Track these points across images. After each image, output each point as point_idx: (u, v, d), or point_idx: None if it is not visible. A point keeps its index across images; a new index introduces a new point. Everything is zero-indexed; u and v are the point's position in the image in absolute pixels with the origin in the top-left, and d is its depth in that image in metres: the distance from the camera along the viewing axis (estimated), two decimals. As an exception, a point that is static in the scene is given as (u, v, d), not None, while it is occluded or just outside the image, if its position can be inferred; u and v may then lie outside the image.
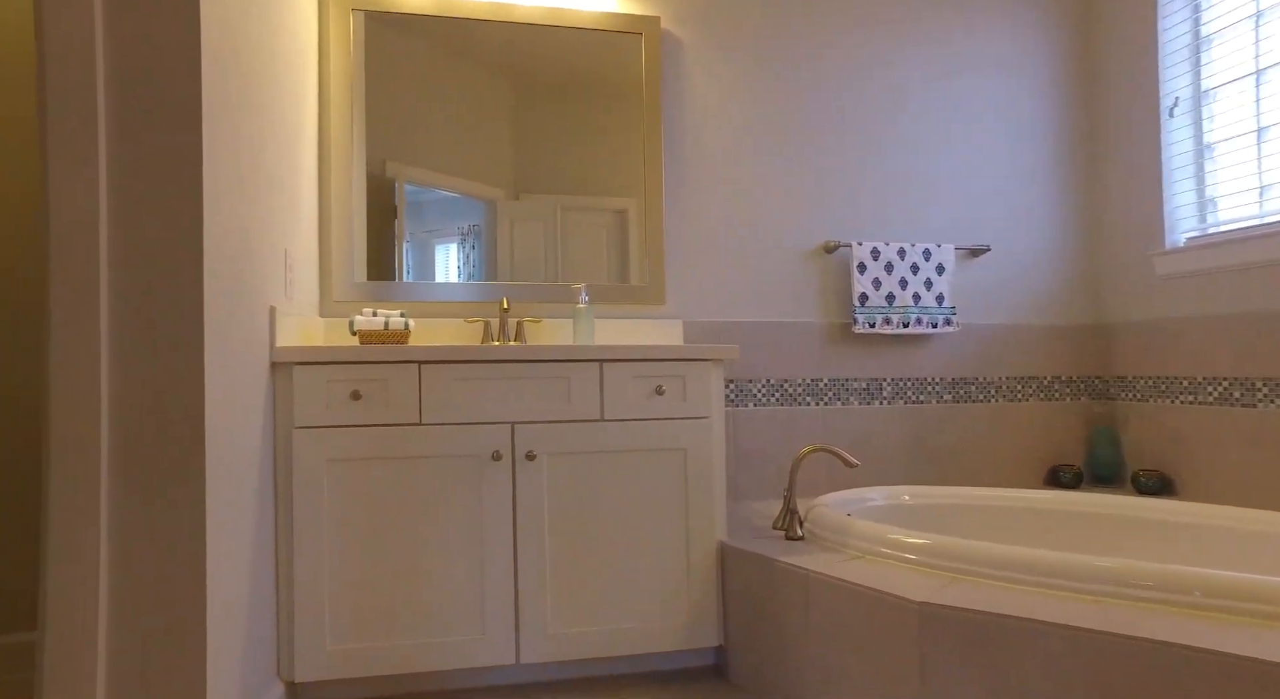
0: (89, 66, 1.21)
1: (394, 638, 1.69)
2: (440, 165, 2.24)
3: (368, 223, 2.20)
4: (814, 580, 1.59)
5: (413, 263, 2.23)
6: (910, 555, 1.60)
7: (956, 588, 1.42)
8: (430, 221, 2.24)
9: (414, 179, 2.23)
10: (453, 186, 2.25)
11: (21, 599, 1.87)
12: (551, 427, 1.79)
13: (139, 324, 1.23)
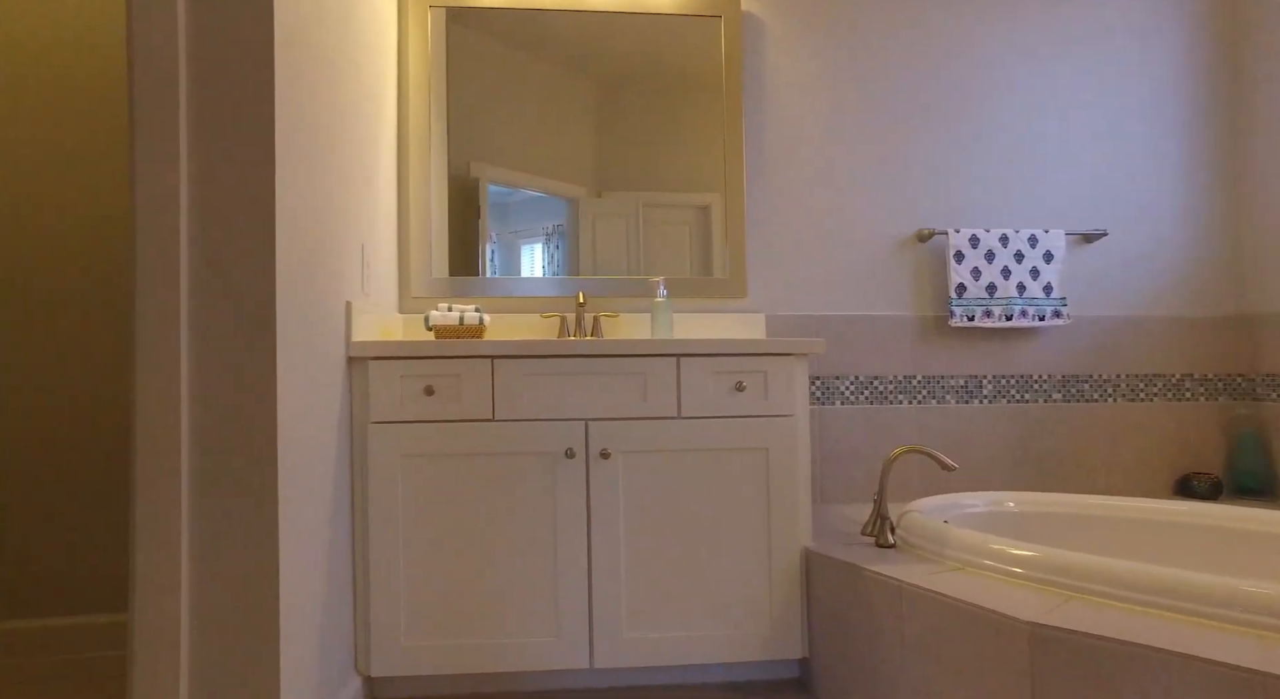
0: (172, 77, 1.22)
1: (467, 636, 1.67)
2: (523, 164, 2.22)
3: (451, 223, 2.20)
4: (908, 593, 1.46)
5: (496, 262, 2.22)
6: (1018, 569, 1.44)
7: (1073, 608, 1.27)
8: (514, 221, 2.23)
9: (497, 179, 2.22)
10: (535, 185, 2.23)
11: (124, 584, 1.96)
12: (627, 423, 1.72)
13: (215, 324, 1.24)
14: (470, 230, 2.21)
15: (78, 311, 2.08)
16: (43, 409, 2.06)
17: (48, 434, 2.06)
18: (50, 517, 2.06)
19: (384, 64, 2.05)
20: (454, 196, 2.21)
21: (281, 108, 1.29)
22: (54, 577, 2.05)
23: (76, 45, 2.09)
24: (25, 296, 2.07)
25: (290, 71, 1.33)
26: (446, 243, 2.21)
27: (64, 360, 2.07)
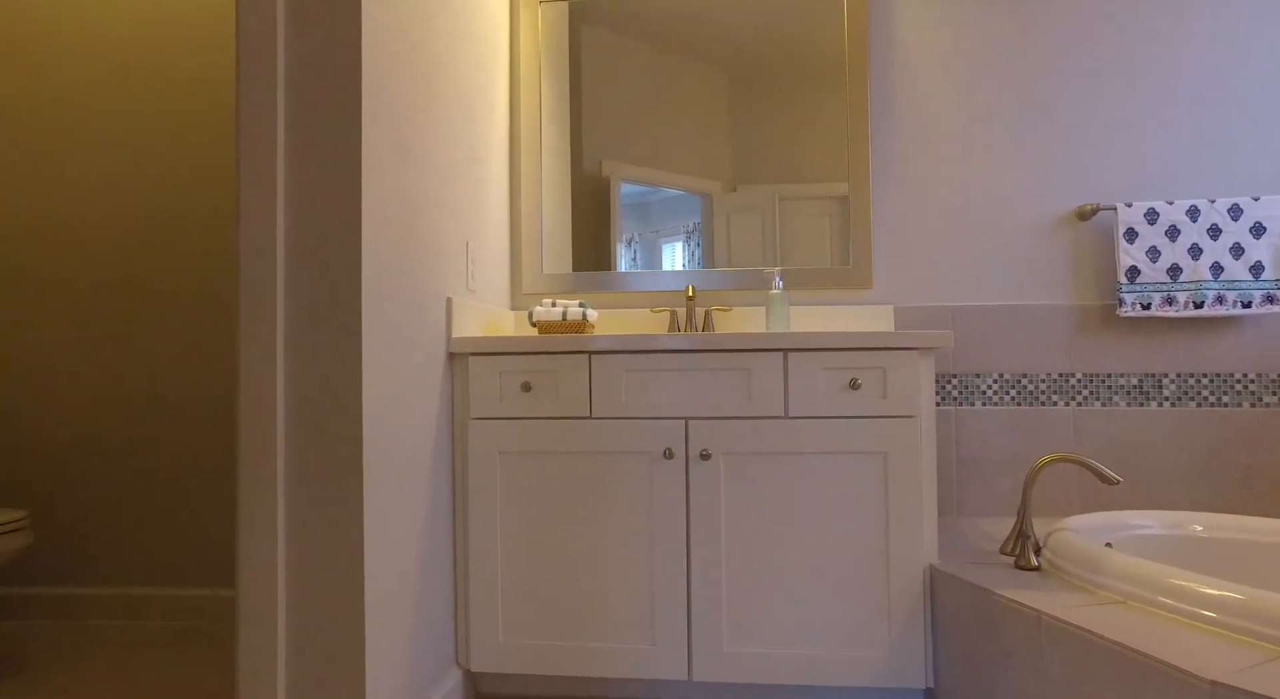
0: (271, 97, 1.27)
1: (562, 638, 1.64)
2: (655, 161, 2.17)
3: (580, 221, 2.19)
4: (1049, 626, 1.25)
5: (639, 261, 2.18)
6: (1208, 612, 1.18)
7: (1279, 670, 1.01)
8: (654, 219, 2.18)
9: (630, 177, 2.18)
10: (669, 182, 2.17)
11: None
12: (729, 423, 1.62)
13: (308, 322, 1.27)
14: (602, 229, 2.18)
15: (211, 310, 2.27)
16: (177, 398, 2.27)
17: (179, 426, 2.27)
18: (178, 498, 2.27)
19: (496, 68, 2.06)
20: (585, 195, 2.19)
21: (370, 121, 1.30)
22: (181, 551, 2.26)
23: (190, 76, 2.29)
24: (169, 303, 2.29)
25: (381, 84, 1.35)
26: (569, 240, 2.19)
27: (196, 354, 2.27)
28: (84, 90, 2.32)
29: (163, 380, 2.29)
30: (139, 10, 2.31)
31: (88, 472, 2.30)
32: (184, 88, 2.30)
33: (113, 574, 2.28)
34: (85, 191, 2.31)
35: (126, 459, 2.29)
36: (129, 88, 2.31)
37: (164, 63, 2.30)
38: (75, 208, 2.32)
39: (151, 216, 2.30)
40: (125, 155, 2.31)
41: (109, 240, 2.31)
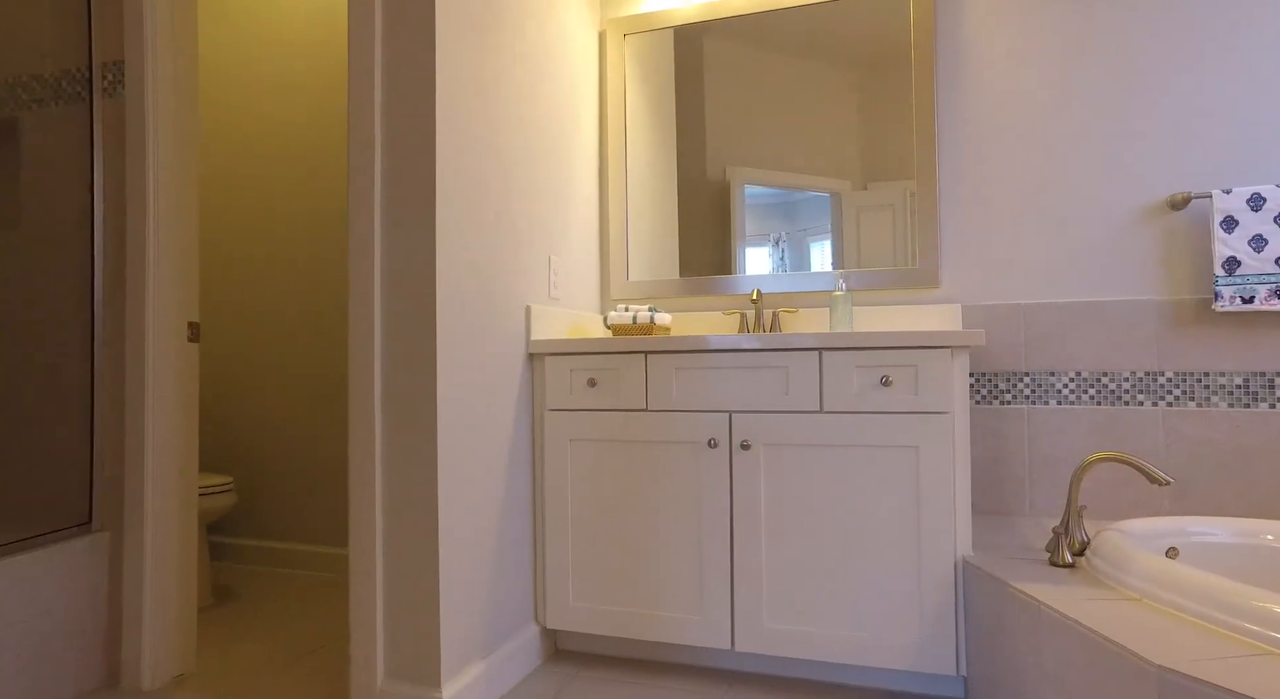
0: (370, 143, 1.61)
1: (622, 604, 1.86)
2: (780, 163, 2.28)
3: (700, 226, 2.34)
4: (1046, 618, 1.29)
5: (787, 261, 2.27)
6: (1218, 614, 1.17)
7: None
8: (777, 219, 2.28)
9: (753, 179, 2.30)
10: (792, 183, 2.27)
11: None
12: (768, 417, 1.76)
13: (398, 326, 1.60)
14: (723, 232, 2.33)
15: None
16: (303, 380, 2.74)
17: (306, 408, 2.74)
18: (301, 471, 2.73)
19: (583, 100, 2.32)
20: (704, 201, 2.34)
21: (444, 165, 1.60)
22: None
23: (313, 113, 2.73)
24: (309, 302, 2.76)
25: (456, 128, 1.65)
26: (675, 247, 2.38)
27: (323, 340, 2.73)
28: (274, 125, 2.87)
29: (338, 368, 2.79)
30: (308, 64, 2.83)
31: (278, 445, 2.85)
32: (340, 120, 2.78)
33: (291, 532, 2.82)
34: (275, 201, 2.87)
35: (306, 436, 2.82)
36: (304, 120, 2.83)
37: (326, 102, 2.80)
38: (270, 215, 2.89)
39: (324, 218, 2.81)
40: (301, 167, 2.84)
41: (294, 238, 2.85)
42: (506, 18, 1.87)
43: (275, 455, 2.86)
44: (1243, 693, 0.94)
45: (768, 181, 2.30)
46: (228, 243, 2.95)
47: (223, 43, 2.96)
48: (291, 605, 2.43)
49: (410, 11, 1.60)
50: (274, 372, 2.87)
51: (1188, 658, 1.04)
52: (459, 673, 1.61)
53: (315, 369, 2.81)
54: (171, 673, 1.87)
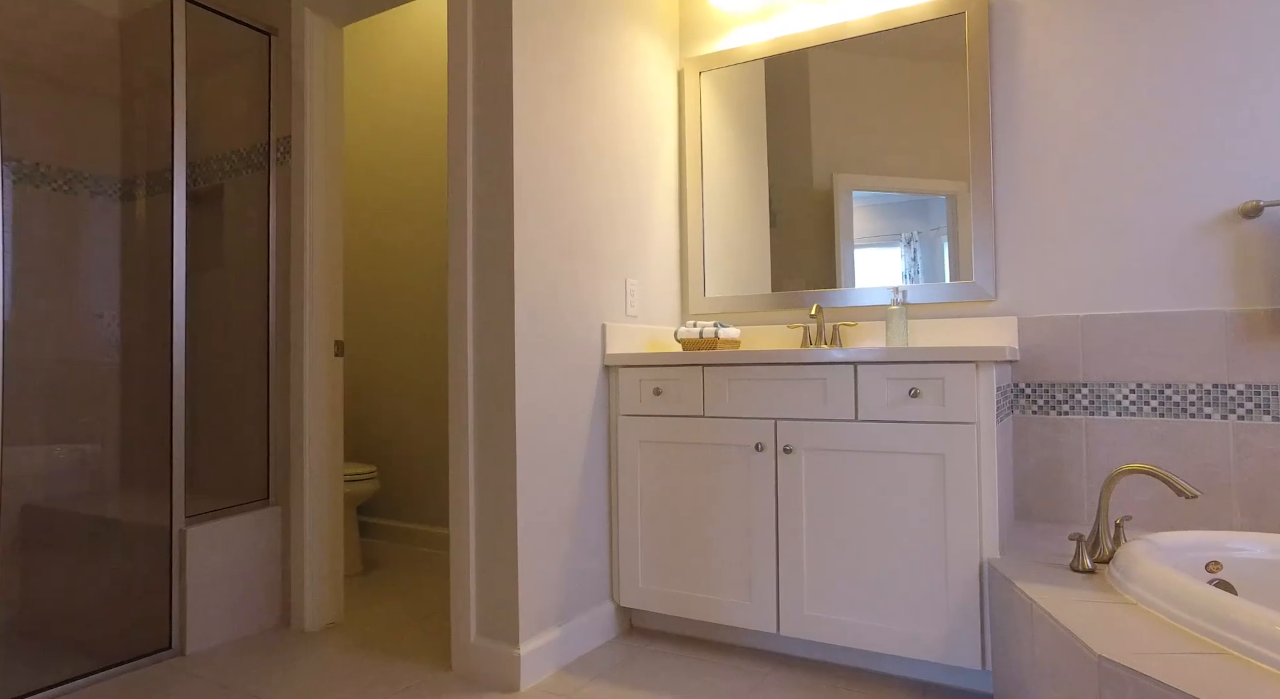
0: (463, 181, 1.97)
1: (683, 587, 2.10)
2: (885, 169, 2.36)
3: (802, 238, 2.48)
4: (1036, 616, 1.40)
5: (909, 260, 2.32)
6: (1202, 621, 1.24)
7: None
8: (880, 222, 2.37)
9: (862, 186, 2.38)
10: (902, 187, 2.33)
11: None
12: (809, 424, 1.94)
13: (485, 344, 1.94)
14: (827, 241, 2.45)
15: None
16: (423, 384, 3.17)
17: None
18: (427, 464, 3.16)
19: (663, 136, 2.59)
20: (807, 213, 2.47)
21: (521, 206, 1.93)
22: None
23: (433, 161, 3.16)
24: (430, 322, 3.20)
25: (532, 172, 1.97)
26: (767, 262, 2.58)
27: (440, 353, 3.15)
28: (408, 177, 3.38)
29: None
30: (426, 128, 3.30)
31: (409, 441, 3.34)
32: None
33: (421, 515, 3.30)
34: (401, 237, 3.37)
35: (430, 434, 3.29)
36: (429, 167, 3.31)
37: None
38: (397, 249, 3.39)
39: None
40: (422, 208, 3.31)
41: (416, 268, 3.33)
42: (585, 69, 2.17)
43: (408, 450, 3.35)
44: (1168, 683, 1.04)
45: (870, 187, 2.45)
46: (367, 273, 3.49)
47: (366, 93, 3.52)
48: (421, 576, 2.88)
49: (491, 73, 1.94)
50: (404, 379, 3.37)
51: (1133, 651, 1.14)
52: (535, 635, 1.93)
53: (435, 377, 3.27)
54: (326, 620, 2.33)
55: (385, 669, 1.99)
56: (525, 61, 1.96)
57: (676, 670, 1.96)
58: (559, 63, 2.08)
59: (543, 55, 2.02)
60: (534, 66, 1.99)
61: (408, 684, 1.90)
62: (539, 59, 2.01)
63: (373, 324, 3.51)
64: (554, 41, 2.06)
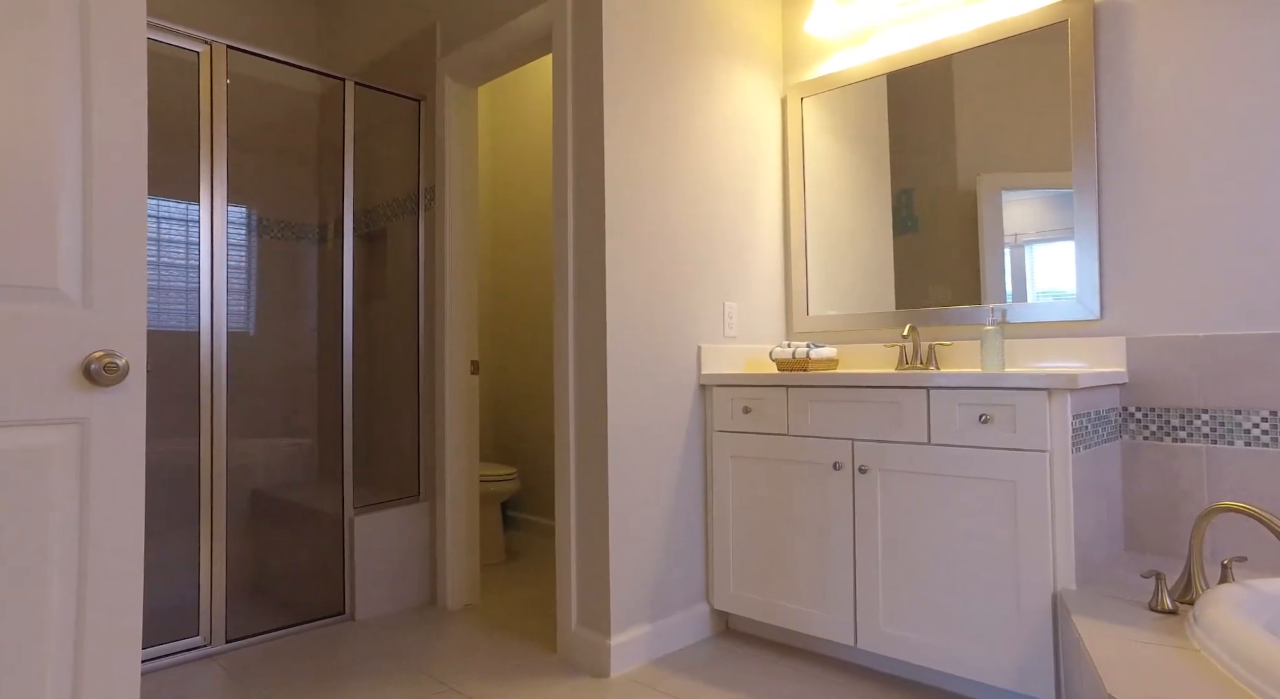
0: (564, 210, 2.23)
1: (767, 593, 2.22)
2: (1036, 164, 2.24)
3: (940, 245, 2.40)
4: (1084, 652, 1.39)
5: (1014, 272, 2.26)
6: (1251, 676, 1.21)
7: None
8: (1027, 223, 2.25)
9: (1010, 184, 2.27)
10: (1054, 183, 2.19)
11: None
12: (883, 445, 1.99)
13: (582, 365, 2.19)
14: (969, 246, 2.35)
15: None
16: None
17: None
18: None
19: (764, 162, 2.71)
20: (949, 219, 2.39)
21: (612, 234, 2.16)
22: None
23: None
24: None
25: (624, 205, 2.19)
26: (890, 278, 2.60)
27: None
28: (526, 198, 3.74)
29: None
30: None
31: (543, 445, 3.69)
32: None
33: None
34: (546, 259, 3.73)
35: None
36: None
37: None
38: (540, 267, 3.76)
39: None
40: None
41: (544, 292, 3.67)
42: (682, 106, 2.36)
43: (545, 452, 3.71)
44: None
45: (1042, 184, 2.43)
46: (508, 294, 3.89)
47: (503, 132, 3.93)
48: (554, 568, 3.21)
49: (586, 119, 2.19)
50: (542, 389, 3.73)
51: (1147, 697, 1.14)
52: (626, 629, 2.15)
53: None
54: (464, 602, 2.71)
55: (503, 647, 2.31)
56: (617, 108, 2.18)
57: (755, 671, 2.09)
58: (655, 105, 2.28)
59: (636, 100, 2.23)
60: (626, 111, 2.21)
61: (517, 662, 2.19)
62: (632, 104, 2.22)
63: (514, 340, 3.92)
64: (648, 87, 2.27)
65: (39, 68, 1.25)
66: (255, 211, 3.12)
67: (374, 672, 2.14)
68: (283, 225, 3.22)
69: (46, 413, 1.24)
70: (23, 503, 1.22)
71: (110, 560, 1.28)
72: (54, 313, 1.24)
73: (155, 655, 2.20)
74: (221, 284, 2.31)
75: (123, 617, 1.29)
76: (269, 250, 3.15)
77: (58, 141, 1.26)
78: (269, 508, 2.94)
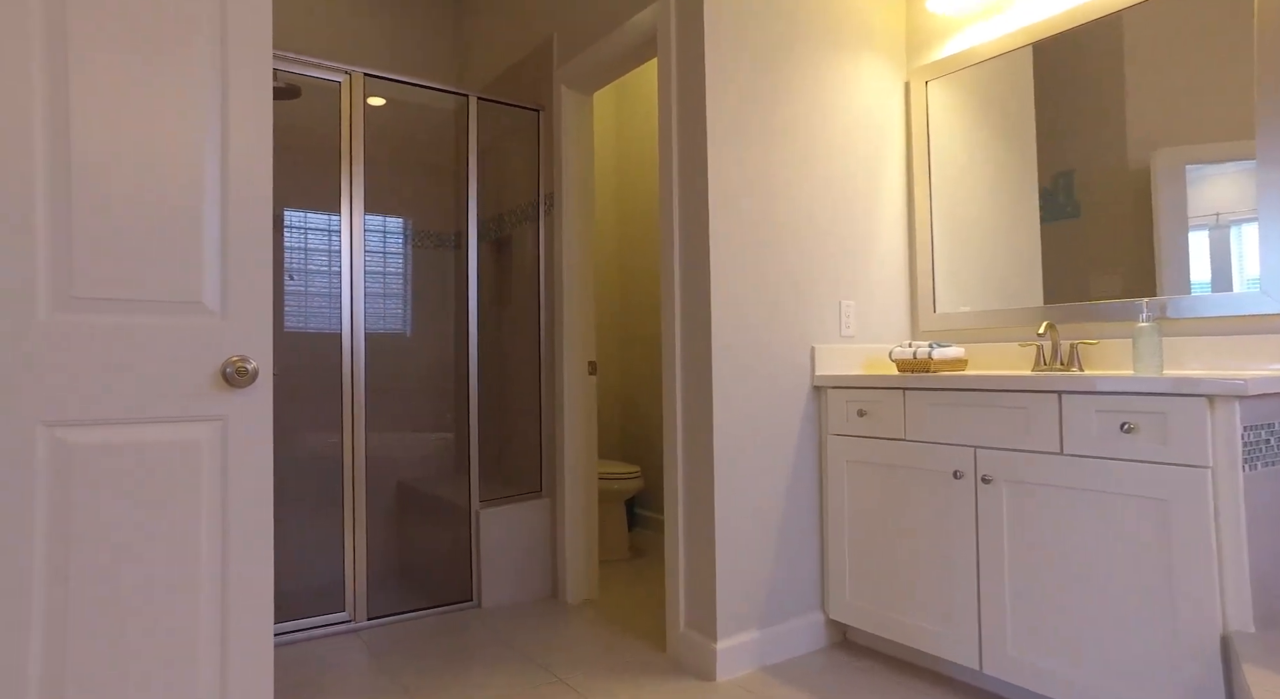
0: (670, 212, 2.23)
1: (886, 607, 2.11)
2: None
3: (1103, 231, 2.12)
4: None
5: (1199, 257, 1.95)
6: None
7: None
8: None
9: (1193, 158, 1.98)
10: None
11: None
12: (1009, 454, 1.82)
13: (689, 365, 2.18)
14: (1143, 230, 2.06)
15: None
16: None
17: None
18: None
19: (884, 158, 2.57)
20: (1123, 195, 2.10)
21: (716, 242, 2.13)
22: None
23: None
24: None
25: (729, 203, 2.16)
26: (1037, 272, 2.39)
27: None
28: (649, 199, 3.75)
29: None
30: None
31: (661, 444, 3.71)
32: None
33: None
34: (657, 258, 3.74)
35: (693, 442, 3.61)
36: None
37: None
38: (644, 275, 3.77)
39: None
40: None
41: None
42: (792, 102, 2.29)
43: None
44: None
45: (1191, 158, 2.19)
46: (627, 292, 3.93)
47: (619, 133, 3.97)
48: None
49: (689, 121, 2.17)
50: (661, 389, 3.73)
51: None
52: (733, 634, 2.12)
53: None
54: (583, 596, 2.79)
55: (615, 643, 2.35)
56: (720, 105, 2.15)
57: (867, 688, 1.99)
58: (762, 101, 2.23)
59: (741, 96, 2.19)
60: (730, 108, 2.17)
61: (627, 659, 2.22)
62: (736, 101, 2.18)
63: (639, 339, 3.96)
64: (754, 83, 2.22)
65: (187, 104, 1.42)
66: (395, 221, 3.37)
67: (493, 658, 2.26)
68: (419, 234, 3.45)
69: (195, 411, 1.41)
70: (179, 487, 1.40)
71: (248, 535, 1.44)
72: (200, 324, 1.41)
73: (307, 626, 2.44)
74: (360, 289, 2.53)
75: (258, 582, 1.45)
76: (406, 258, 3.39)
77: (202, 170, 1.42)
78: (408, 498, 3.18)
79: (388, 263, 3.35)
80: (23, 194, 1.28)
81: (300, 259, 2.93)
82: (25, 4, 1.30)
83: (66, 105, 1.33)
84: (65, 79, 1.33)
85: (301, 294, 2.92)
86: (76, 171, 1.33)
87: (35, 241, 1.29)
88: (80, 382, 1.31)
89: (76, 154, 1.33)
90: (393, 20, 3.59)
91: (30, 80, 1.30)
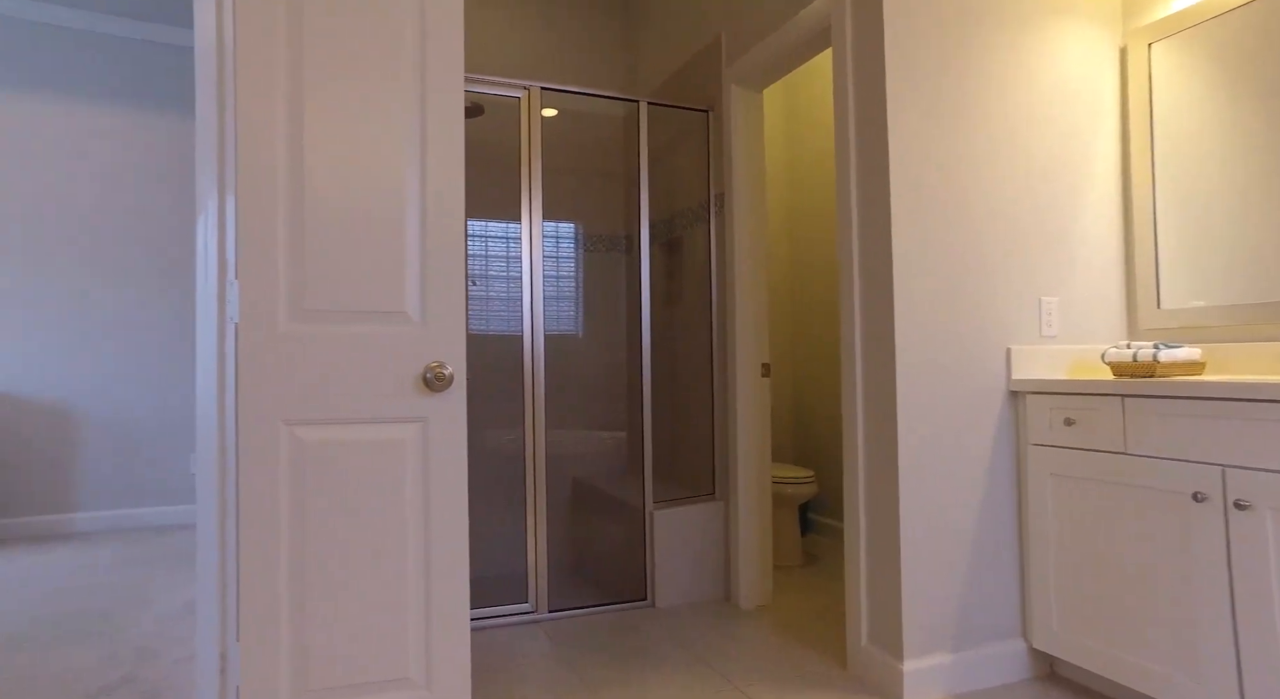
0: (847, 204, 2.13)
1: (1103, 642, 1.87)
2: None
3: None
4: None
5: None
6: None
7: None
8: None
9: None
10: None
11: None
12: (1271, 476, 1.55)
13: (872, 365, 2.07)
14: None
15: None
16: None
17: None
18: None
19: (1094, 135, 2.29)
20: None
21: (898, 234, 1.99)
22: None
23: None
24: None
25: (910, 188, 2.01)
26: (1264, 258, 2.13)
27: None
28: (823, 197, 3.59)
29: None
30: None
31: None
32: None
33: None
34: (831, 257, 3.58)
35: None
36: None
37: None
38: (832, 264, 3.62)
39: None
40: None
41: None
42: (980, 78, 2.10)
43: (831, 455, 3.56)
44: None
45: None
46: (802, 293, 3.80)
47: (790, 128, 3.83)
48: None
49: (868, 111, 2.05)
50: (838, 392, 3.57)
51: None
52: (922, 655, 1.98)
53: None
54: (756, 602, 2.74)
55: (791, 653, 2.28)
56: (901, 91, 2.02)
57: (1083, 733, 1.77)
58: (947, 83, 2.07)
59: (924, 79, 2.04)
60: (912, 93, 2.03)
61: (805, 671, 2.15)
62: (919, 85, 2.04)
63: (814, 341, 3.83)
64: (938, 65, 2.06)
65: (393, 130, 1.54)
66: (567, 226, 3.50)
67: (667, 659, 2.27)
68: (595, 238, 3.56)
69: (402, 413, 1.53)
70: (390, 481, 1.52)
71: (447, 521, 1.55)
72: (404, 332, 1.53)
73: (495, 615, 2.59)
74: (539, 292, 2.64)
75: (456, 561, 1.56)
76: (583, 261, 3.51)
77: (405, 189, 1.54)
78: (584, 495, 3.28)
79: (560, 267, 3.48)
80: (268, 216, 1.46)
81: (482, 265, 3.12)
82: (273, 34, 1.47)
83: (301, 132, 1.49)
84: (301, 107, 1.49)
85: (484, 298, 3.11)
86: (309, 193, 1.49)
87: (278, 259, 1.46)
88: (309, 386, 1.47)
89: (308, 176, 1.49)
90: (564, 34, 3.74)
91: (275, 109, 1.47)
